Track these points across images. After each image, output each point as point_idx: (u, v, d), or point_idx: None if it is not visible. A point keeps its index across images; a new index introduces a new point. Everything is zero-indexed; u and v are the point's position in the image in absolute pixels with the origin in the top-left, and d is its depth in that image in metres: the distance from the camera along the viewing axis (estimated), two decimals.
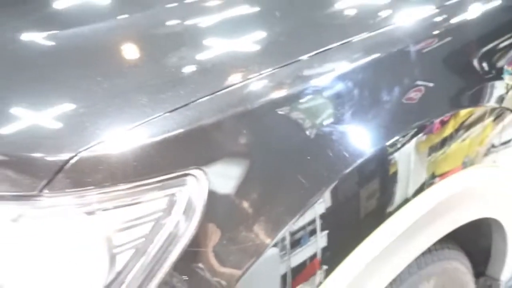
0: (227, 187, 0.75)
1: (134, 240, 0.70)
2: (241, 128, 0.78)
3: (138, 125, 0.73)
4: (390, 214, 0.91)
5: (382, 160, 0.89)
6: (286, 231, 0.77)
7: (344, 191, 0.85)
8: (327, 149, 0.83)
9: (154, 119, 0.73)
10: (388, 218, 0.91)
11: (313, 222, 0.80)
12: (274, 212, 0.77)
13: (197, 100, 0.77)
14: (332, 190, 0.81)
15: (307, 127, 0.83)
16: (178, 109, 0.75)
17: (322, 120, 0.85)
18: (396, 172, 0.91)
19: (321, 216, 0.80)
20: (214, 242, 0.73)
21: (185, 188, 0.72)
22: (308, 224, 0.80)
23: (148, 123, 0.73)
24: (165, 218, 0.71)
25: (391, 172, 0.91)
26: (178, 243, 0.71)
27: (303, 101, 0.85)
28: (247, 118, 0.79)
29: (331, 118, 0.86)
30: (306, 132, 0.83)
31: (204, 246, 0.72)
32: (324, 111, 0.86)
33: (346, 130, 0.86)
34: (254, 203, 0.76)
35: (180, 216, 0.72)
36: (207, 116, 0.76)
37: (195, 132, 0.74)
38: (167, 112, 0.74)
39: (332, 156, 0.83)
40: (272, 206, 0.77)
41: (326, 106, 0.87)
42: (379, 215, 0.90)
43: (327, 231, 0.82)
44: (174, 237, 0.71)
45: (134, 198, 0.70)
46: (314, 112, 0.85)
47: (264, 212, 0.76)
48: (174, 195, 0.72)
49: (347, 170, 0.83)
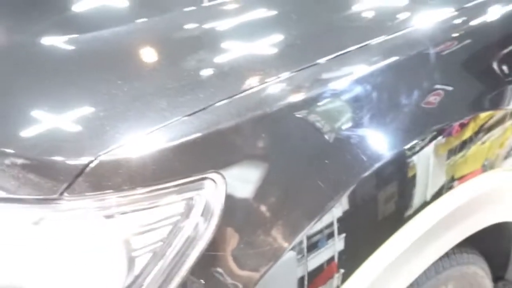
0: (245, 191, 0.74)
1: (152, 243, 0.69)
2: (259, 132, 0.77)
3: (157, 128, 0.72)
4: (409, 218, 0.89)
5: (401, 163, 0.88)
6: (304, 234, 0.76)
7: (363, 195, 0.83)
8: (346, 152, 0.82)
9: (172, 123, 0.73)
10: (407, 222, 0.89)
11: (331, 225, 0.79)
12: (292, 216, 0.76)
13: (215, 103, 0.76)
14: (350, 194, 0.80)
15: (325, 131, 0.82)
16: (197, 112, 0.75)
17: (341, 124, 0.84)
18: (414, 176, 0.89)
19: (339, 220, 0.79)
20: (232, 246, 0.72)
21: (203, 192, 0.71)
22: (326, 228, 0.78)
23: (166, 127, 0.72)
24: (183, 221, 0.70)
25: (409, 175, 0.89)
26: (196, 247, 0.70)
27: (321, 104, 0.83)
28: (265, 122, 0.78)
29: (349, 122, 0.84)
30: (325, 135, 0.82)
31: (221, 250, 0.71)
32: (343, 115, 0.85)
33: (364, 134, 0.85)
34: (272, 207, 0.75)
35: (198, 220, 0.71)
36: (225, 119, 0.75)
37: (213, 136, 0.73)
38: (186, 116, 0.74)
39: (350, 159, 0.82)
40: (290, 210, 0.76)
41: (344, 109, 0.85)
42: (398, 219, 0.89)
43: (345, 235, 0.80)
44: (192, 240, 0.70)
45: (153, 201, 0.69)
46: (333, 116, 0.84)
47: (282, 216, 0.75)
48: (192, 198, 0.71)
49: (366, 174, 0.82)
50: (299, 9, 1.10)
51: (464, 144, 0.98)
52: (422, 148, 0.90)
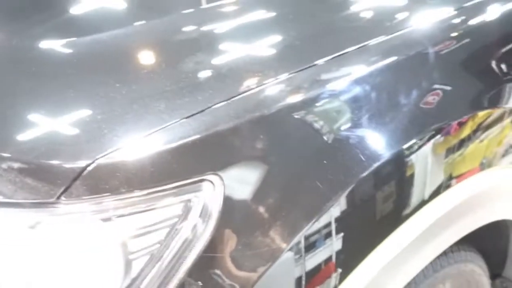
0: (243, 192, 0.72)
1: (150, 246, 0.68)
2: (257, 133, 0.76)
3: (155, 131, 0.71)
4: (407, 217, 0.88)
5: (399, 163, 0.86)
6: (302, 235, 0.75)
7: (361, 195, 0.82)
8: (344, 153, 0.81)
9: (171, 125, 0.72)
10: (405, 221, 0.88)
11: (329, 225, 0.78)
12: (290, 217, 0.75)
13: (213, 105, 0.75)
14: (348, 194, 0.79)
15: (324, 132, 0.81)
16: (195, 115, 0.73)
17: (339, 124, 0.82)
18: (413, 175, 0.88)
19: (337, 220, 0.78)
20: (230, 248, 0.71)
21: (201, 194, 0.70)
22: (324, 228, 0.77)
23: (165, 130, 0.71)
24: (180, 223, 0.69)
25: (408, 174, 0.88)
26: (193, 249, 0.69)
27: (319, 105, 0.82)
28: (263, 123, 0.77)
29: (347, 122, 0.83)
30: (323, 136, 0.80)
31: (219, 252, 0.70)
32: (341, 115, 0.83)
33: (363, 134, 0.83)
34: (270, 208, 0.74)
35: (196, 222, 0.70)
36: (223, 121, 0.74)
37: (212, 138, 0.72)
38: (184, 118, 0.73)
39: (349, 160, 0.80)
40: (289, 210, 0.75)
41: (342, 110, 0.84)
42: (396, 218, 0.87)
43: (343, 234, 0.79)
44: (189, 242, 0.69)
45: (150, 204, 0.68)
46: (331, 116, 0.82)
47: (280, 217, 0.74)
48: (190, 200, 0.70)
49: (364, 174, 0.80)
50: (297, 10, 1.08)
51: (462, 143, 0.96)
52: (420, 147, 0.88)
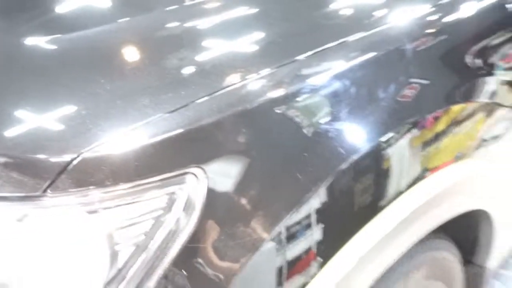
0: (225, 184, 0.73)
1: (135, 237, 0.68)
2: (240, 128, 0.77)
3: (139, 126, 0.71)
4: (384, 208, 0.89)
5: (377, 155, 0.87)
6: (283, 225, 0.75)
7: (340, 186, 0.83)
8: (324, 145, 0.81)
9: (155, 120, 0.72)
10: (382, 211, 0.89)
11: (308, 216, 0.78)
12: (271, 207, 0.75)
13: (196, 100, 0.75)
14: (328, 185, 0.80)
15: (304, 125, 0.81)
16: (178, 109, 0.74)
17: (319, 118, 0.83)
18: (390, 167, 0.89)
19: (317, 211, 0.79)
20: (213, 238, 0.71)
21: (184, 186, 0.70)
22: (304, 218, 0.78)
23: (148, 124, 0.71)
24: (165, 215, 0.70)
25: (385, 167, 0.89)
26: (177, 240, 0.69)
27: (300, 100, 0.83)
28: (245, 118, 0.77)
29: (327, 116, 0.84)
30: (304, 129, 0.81)
31: (203, 242, 0.71)
32: (321, 109, 0.84)
33: (342, 127, 0.84)
34: (252, 199, 0.75)
35: (180, 213, 0.70)
36: (206, 116, 0.74)
37: (195, 132, 0.73)
38: (168, 113, 0.73)
39: (328, 152, 0.81)
40: (270, 202, 0.76)
41: (322, 104, 0.85)
42: (373, 208, 0.88)
43: (322, 225, 0.80)
44: (174, 233, 0.69)
45: (135, 196, 0.68)
46: (311, 111, 0.83)
47: (262, 208, 0.75)
48: (174, 193, 0.70)
49: (343, 166, 0.81)
50: (278, 7, 1.08)
51: (437, 136, 0.97)
52: (397, 140, 0.89)
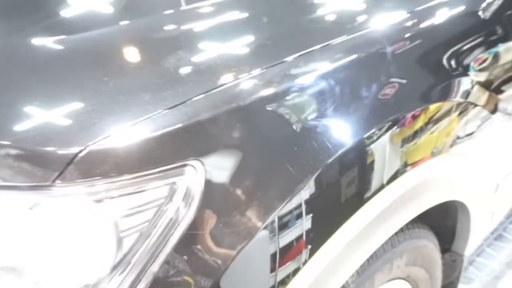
0: (222, 176, 0.75)
1: (139, 224, 0.70)
2: (234, 123, 0.79)
3: (141, 120, 0.73)
4: (368, 199, 0.92)
5: (361, 150, 0.90)
6: (276, 215, 0.77)
7: (327, 178, 0.85)
8: (312, 140, 0.84)
9: (155, 115, 0.74)
10: (366, 203, 0.91)
11: (299, 206, 0.80)
12: (265, 198, 0.77)
13: (193, 97, 0.77)
14: (316, 178, 0.82)
15: (294, 121, 0.83)
16: (177, 106, 0.75)
17: (307, 115, 0.85)
18: (373, 162, 0.91)
19: (306, 201, 0.81)
20: (211, 226, 0.73)
21: (184, 177, 0.72)
22: (295, 209, 0.80)
23: (150, 119, 0.73)
24: (166, 204, 0.71)
25: (368, 161, 0.91)
26: (178, 227, 0.71)
27: (289, 98, 0.85)
28: (239, 114, 0.79)
29: (315, 113, 0.86)
30: (293, 125, 0.83)
31: (201, 230, 0.73)
32: (309, 107, 0.86)
33: (329, 124, 0.86)
34: (247, 190, 0.77)
35: (180, 203, 0.72)
36: (203, 112, 0.76)
37: (193, 127, 0.74)
38: (167, 109, 0.75)
39: (316, 147, 0.83)
40: (263, 192, 0.77)
41: (310, 102, 0.87)
42: (358, 199, 0.91)
43: (312, 215, 0.82)
44: (174, 221, 0.71)
45: (138, 187, 0.70)
46: (300, 108, 0.85)
47: (256, 198, 0.77)
48: (174, 183, 0.72)
49: (330, 160, 0.84)
50: (269, 12, 1.10)
51: (416, 133, 0.99)
52: (379, 136, 0.91)
